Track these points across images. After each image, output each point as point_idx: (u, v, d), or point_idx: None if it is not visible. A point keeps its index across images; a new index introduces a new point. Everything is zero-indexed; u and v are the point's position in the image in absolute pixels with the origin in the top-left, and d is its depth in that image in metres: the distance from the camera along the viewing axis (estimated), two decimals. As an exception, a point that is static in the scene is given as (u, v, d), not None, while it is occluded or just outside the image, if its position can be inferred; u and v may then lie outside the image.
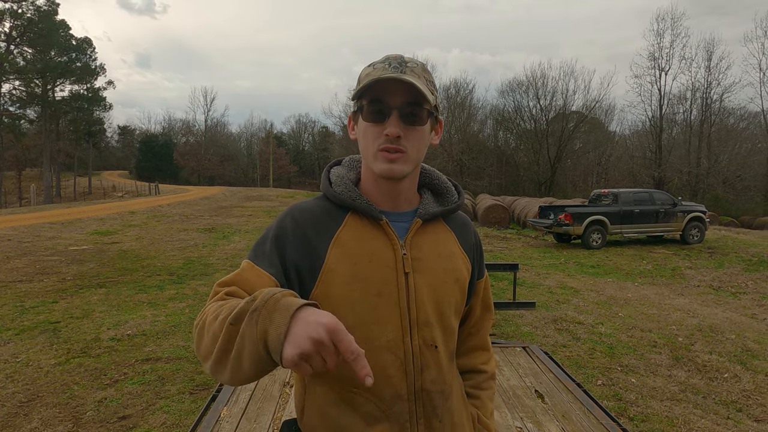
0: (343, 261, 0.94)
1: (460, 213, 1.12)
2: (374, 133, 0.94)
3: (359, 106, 0.97)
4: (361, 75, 0.97)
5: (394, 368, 0.94)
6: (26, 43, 40.09)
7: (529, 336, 5.60)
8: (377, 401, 0.94)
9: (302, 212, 0.99)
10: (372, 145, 0.94)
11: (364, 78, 0.95)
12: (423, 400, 0.98)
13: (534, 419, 2.52)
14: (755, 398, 4.19)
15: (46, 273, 8.07)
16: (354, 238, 0.96)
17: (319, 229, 0.96)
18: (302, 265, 0.94)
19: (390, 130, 0.91)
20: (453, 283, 1.03)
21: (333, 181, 1.04)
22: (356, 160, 1.10)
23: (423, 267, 0.99)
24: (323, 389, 0.96)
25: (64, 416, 3.49)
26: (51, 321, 5.60)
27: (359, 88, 0.94)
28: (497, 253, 12.13)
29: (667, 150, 34.48)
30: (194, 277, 8.20)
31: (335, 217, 0.98)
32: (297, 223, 0.97)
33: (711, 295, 8.22)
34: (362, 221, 0.98)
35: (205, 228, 14.77)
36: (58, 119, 47.02)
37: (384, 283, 0.94)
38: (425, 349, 0.97)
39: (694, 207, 14.05)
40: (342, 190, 1.00)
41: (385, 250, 0.96)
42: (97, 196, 42.29)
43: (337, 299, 0.92)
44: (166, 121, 75.59)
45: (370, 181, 1.02)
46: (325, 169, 1.09)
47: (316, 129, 75.00)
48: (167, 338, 5.14)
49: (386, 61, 0.95)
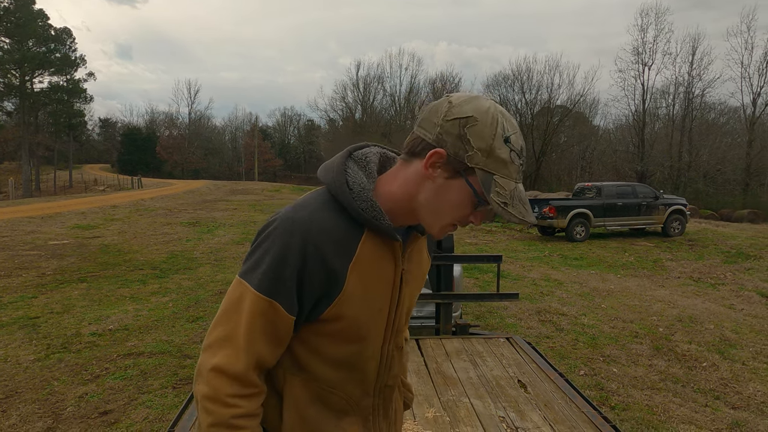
0: (359, 284, 0.89)
1: None
2: (462, 211, 0.86)
3: (477, 189, 0.82)
4: (495, 145, 0.81)
5: (371, 372, 0.98)
6: (2, 33, 39.09)
7: (512, 327, 5.65)
8: (348, 398, 0.97)
9: (320, 233, 0.85)
10: (448, 217, 0.87)
11: (500, 165, 0.81)
12: (384, 394, 1.04)
13: (516, 408, 2.54)
14: (732, 386, 4.29)
15: (25, 268, 7.91)
16: (370, 260, 0.90)
17: (338, 253, 0.87)
18: (320, 291, 0.88)
19: (475, 222, 0.88)
20: (421, 285, 1.07)
21: (354, 189, 0.88)
22: (371, 161, 0.95)
23: (411, 278, 0.99)
24: (300, 391, 0.95)
25: (43, 412, 3.43)
26: (30, 316, 5.49)
27: (501, 193, 0.81)
28: (482, 246, 12.21)
29: (650, 144, 34.92)
30: (178, 271, 8.11)
31: (353, 236, 0.89)
32: (316, 247, 0.85)
33: (691, 286, 8.38)
34: (377, 241, 0.91)
35: (189, 222, 14.61)
36: (37, 111, 45.99)
37: (384, 299, 0.94)
38: (395, 352, 1.02)
39: (675, 200, 14.30)
40: (366, 207, 0.87)
41: (390, 268, 0.94)
42: (78, 190, 41.54)
43: (350, 319, 0.91)
44: (148, 113, 74.72)
45: (397, 204, 0.91)
46: (339, 163, 0.92)
47: (301, 122, 74.59)
48: (150, 333, 5.08)
49: (521, 154, 0.84)
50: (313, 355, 0.93)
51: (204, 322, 5.44)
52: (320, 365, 0.93)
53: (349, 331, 0.91)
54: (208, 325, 5.40)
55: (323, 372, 0.94)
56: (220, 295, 6.58)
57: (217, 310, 0.90)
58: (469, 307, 6.22)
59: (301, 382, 0.94)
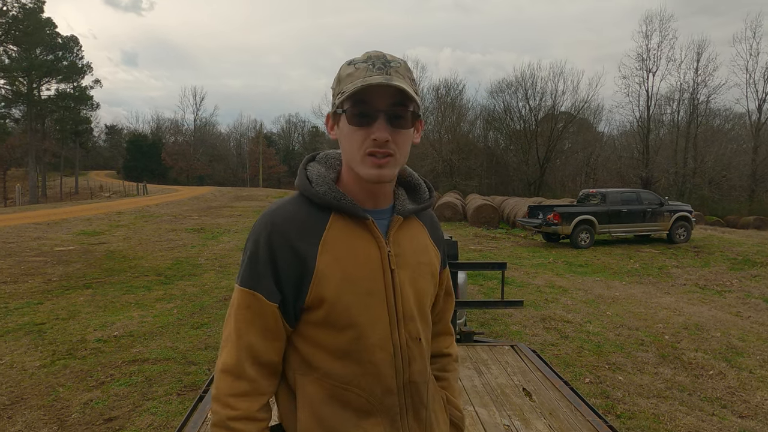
0: (332, 264, 0.93)
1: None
2: (360, 137, 0.90)
3: (342, 109, 0.92)
4: (341, 74, 0.94)
5: (385, 364, 0.96)
6: (11, 41, 39.49)
7: (517, 335, 5.63)
8: (368, 396, 0.95)
9: (284, 221, 0.94)
10: (358, 150, 0.91)
11: (346, 78, 0.91)
12: (411, 391, 1.00)
13: (521, 417, 2.53)
14: (740, 395, 4.25)
15: (30, 274, 7.95)
16: (340, 239, 0.95)
17: (304, 235, 0.93)
18: (295, 275, 0.92)
19: (378, 135, 0.88)
20: (429, 276, 1.06)
21: (313, 180, 0.99)
22: (332, 157, 1.05)
23: (404, 263, 1.00)
24: (314, 389, 0.96)
25: (48, 419, 3.44)
26: (36, 322, 5.52)
27: (344, 93, 0.90)
28: (486, 253, 12.18)
29: (654, 150, 34.82)
30: (183, 277, 8.14)
31: (318, 220, 0.95)
32: (281, 234, 0.92)
33: (697, 293, 8.33)
34: (346, 221, 0.96)
35: (194, 228, 14.66)
36: (44, 118, 46.38)
37: (373, 282, 0.95)
38: (411, 343, 0.99)
39: (680, 207, 14.24)
40: (325, 191, 0.96)
41: (372, 249, 0.96)
42: (83, 196, 41.78)
43: (332, 302, 0.92)
44: (154, 120, 75.04)
45: (352, 181, 0.98)
46: (301, 166, 1.04)
47: (306, 129, 74.80)
48: (155, 339, 5.09)
49: (369, 61, 0.91)
50: (317, 350, 0.95)
51: (208, 328, 5.45)
52: (326, 359, 0.94)
53: (336, 316, 0.92)
54: (212, 332, 5.41)
55: (332, 367, 0.94)
56: (224, 301, 6.59)
57: (223, 316, 0.95)
58: (473, 315, 6.21)
59: (314, 381, 0.96)
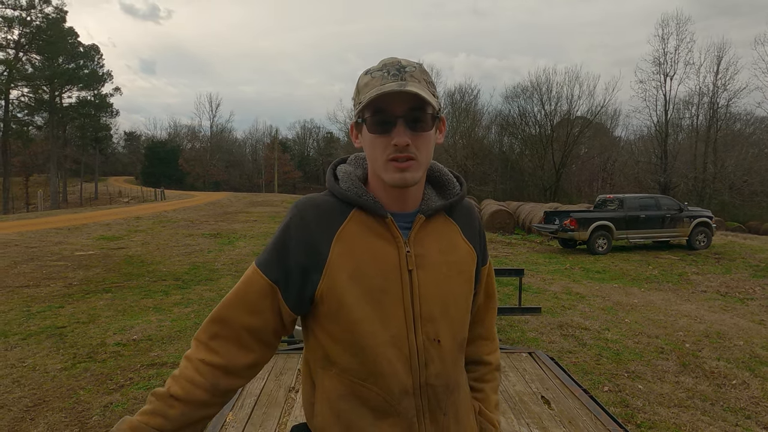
0: (346, 256, 0.94)
1: (465, 200, 1.11)
2: (382, 144, 0.93)
3: (362, 118, 0.95)
4: (360, 84, 0.97)
5: (399, 363, 0.95)
6: (34, 51, 40.50)
7: (534, 342, 5.57)
8: (386, 395, 0.95)
9: (308, 207, 0.99)
10: (381, 156, 0.93)
11: (364, 88, 0.94)
12: (428, 394, 0.99)
13: (540, 425, 2.50)
14: (764, 405, 4.15)
15: (52, 278, 8.11)
16: (357, 234, 0.96)
17: (322, 225, 0.96)
18: (306, 263, 0.95)
19: (398, 140, 0.90)
20: (457, 275, 1.03)
21: (339, 177, 1.03)
22: (362, 158, 1.08)
23: (426, 263, 0.99)
24: (332, 383, 0.97)
25: (69, 421, 3.49)
26: (57, 326, 5.62)
27: (362, 102, 0.92)
28: (502, 259, 12.10)
29: (673, 155, 34.27)
30: (200, 282, 8.22)
31: (340, 213, 0.98)
32: (302, 219, 0.97)
33: (718, 300, 8.16)
34: (366, 218, 0.98)
35: (210, 233, 14.81)
36: (66, 125, 47.45)
37: (387, 280, 0.95)
38: (429, 345, 0.98)
39: (700, 212, 13.97)
40: (348, 187, 1.00)
41: (389, 248, 0.97)
42: (103, 202, 42.52)
43: (342, 293, 0.93)
44: (171, 126, 76.34)
45: (378, 187, 1.00)
46: (330, 166, 1.08)
47: (321, 135, 75.36)
48: (173, 343, 5.15)
49: (384, 69, 0.94)
50: (335, 344, 0.96)
51: (225, 333, 5.49)
52: (343, 354, 0.95)
53: (347, 309, 0.93)
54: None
55: (348, 362, 0.95)
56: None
57: None
58: (489, 321, 6.15)
59: (333, 376, 0.97)
